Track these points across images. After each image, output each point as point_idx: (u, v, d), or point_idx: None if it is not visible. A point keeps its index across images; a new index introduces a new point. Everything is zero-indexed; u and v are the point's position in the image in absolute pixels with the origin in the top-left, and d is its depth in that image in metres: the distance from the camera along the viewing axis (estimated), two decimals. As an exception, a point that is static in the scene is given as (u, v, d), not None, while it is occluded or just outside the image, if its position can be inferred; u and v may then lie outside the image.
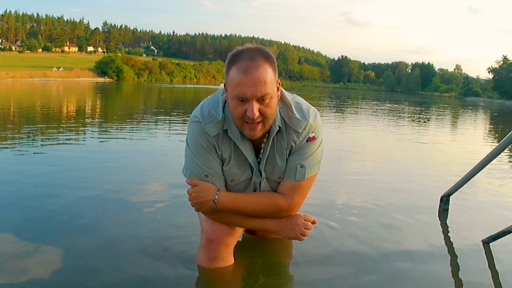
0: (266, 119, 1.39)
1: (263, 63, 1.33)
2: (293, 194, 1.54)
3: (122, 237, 2.03)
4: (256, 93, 1.32)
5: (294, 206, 1.56)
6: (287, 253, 1.99)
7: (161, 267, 1.73)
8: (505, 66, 66.90)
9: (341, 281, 1.73)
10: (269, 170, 1.55)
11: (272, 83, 1.36)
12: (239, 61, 1.34)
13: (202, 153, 1.49)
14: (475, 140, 8.56)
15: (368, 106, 19.67)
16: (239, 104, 1.36)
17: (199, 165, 1.50)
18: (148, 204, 2.59)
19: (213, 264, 1.63)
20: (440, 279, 1.79)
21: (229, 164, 1.52)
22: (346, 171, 4.03)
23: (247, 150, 1.50)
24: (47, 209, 2.38)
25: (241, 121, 1.39)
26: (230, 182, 1.55)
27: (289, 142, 1.50)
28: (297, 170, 1.51)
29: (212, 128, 1.46)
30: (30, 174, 3.18)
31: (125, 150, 4.71)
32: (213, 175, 1.51)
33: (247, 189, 1.58)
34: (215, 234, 1.58)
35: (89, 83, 38.46)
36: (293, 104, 1.50)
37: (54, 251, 1.84)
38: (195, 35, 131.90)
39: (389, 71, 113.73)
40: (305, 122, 1.48)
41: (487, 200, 3.23)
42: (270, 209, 1.54)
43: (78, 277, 1.62)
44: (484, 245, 2.17)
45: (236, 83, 1.33)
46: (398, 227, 2.41)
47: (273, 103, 1.38)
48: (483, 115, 20.37)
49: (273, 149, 1.52)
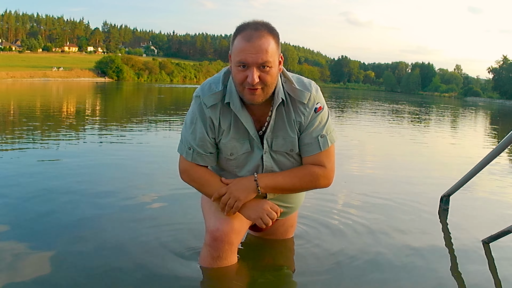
0: (266, 87, 1.44)
1: (266, 34, 1.41)
2: (324, 162, 1.58)
3: (123, 237, 2.03)
4: (257, 59, 1.39)
5: (329, 172, 1.60)
6: (289, 253, 1.99)
7: (163, 267, 1.74)
8: (505, 66, 66.83)
9: (342, 281, 1.73)
10: (280, 142, 1.57)
11: (273, 54, 1.42)
12: (244, 31, 1.41)
13: (195, 123, 1.55)
14: (475, 140, 8.55)
15: (368, 106, 19.67)
16: (241, 71, 1.42)
17: (190, 136, 1.56)
18: (149, 204, 2.60)
19: (217, 263, 1.63)
20: (440, 279, 1.79)
21: (228, 136, 1.55)
22: (345, 171, 4.03)
23: (248, 122, 1.54)
24: (46, 209, 2.38)
25: (241, 87, 1.45)
26: (229, 156, 1.58)
27: (296, 114, 1.55)
28: (320, 142, 1.56)
29: (210, 99, 1.52)
30: (30, 175, 3.18)
31: (125, 150, 4.71)
32: (198, 148, 1.54)
33: (248, 164, 1.60)
34: (220, 232, 1.58)
35: (89, 83, 38.48)
36: (294, 79, 1.57)
37: (54, 251, 1.84)
38: (195, 35, 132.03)
39: (389, 71, 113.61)
40: (308, 93, 1.54)
41: (487, 200, 3.23)
42: (307, 178, 1.58)
43: (78, 277, 1.62)
44: (484, 245, 2.17)
45: (239, 50, 1.40)
46: (398, 227, 2.41)
47: (273, 72, 1.44)
48: (483, 115, 20.36)
49: (283, 120, 1.55)
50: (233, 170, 1.62)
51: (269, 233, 1.97)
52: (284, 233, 2.02)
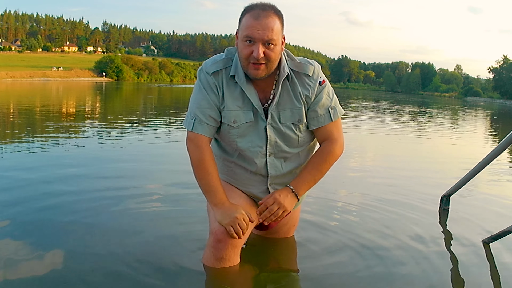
0: (269, 62, 1.53)
1: (272, 14, 1.51)
2: (336, 133, 1.67)
3: (124, 237, 2.03)
4: (264, 36, 1.48)
5: (341, 143, 1.68)
6: (291, 251, 2.00)
7: (165, 266, 1.74)
8: (505, 66, 66.61)
9: (343, 281, 1.73)
10: (288, 114, 1.63)
11: (278, 33, 1.51)
12: (252, 10, 1.51)
13: (199, 92, 1.62)
14: (475, 140, 8.55)
15: (369, 106, 19.67)
16: (247, 46, 1.50)
17: (192, 104, 1.62)
18: (150, 204, 2.59)
19: (220, 264, 1.64)
20: (440, 279, 1.79)
21: (232, 105, 1.61)
22: (345, 172, 4.02)
23: (252, 94, 1.61)
24: (46, 209, 2.38)
25: (246, 61, 1.53)
26: (232, 123, 1.62)
27: (302, 87, 1.62)
28: (331, 113, 1.65)
29: (212, 66, 1.61)
30: (29, 174, 3.17)
31: (124, 150, 4.71)
32: (199, 114, 1.59)
33: (249, 135, 1.62)
34: (224, 235, 1.58)
35: (89, 83, 38.47)
36: (297, 58, 1.67)
37: (53, 251, 1.83)
38: (195, 35, 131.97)
39: (389, 71, 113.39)
40: (312, 66, 1.63)
41: (487, 200, 3.22)
42: (330, 160, 1.65)
43: (83, 276, 1.62)
44: (485, 245, 2.17)
45: (247, 26, 1.49)
46: (398, 227, 2.41)
47: (277, 50, 1.53)
48: (483, 115, 20.36)
49: (288, 94, 1.62)
50: (234, 141, 1.64)
51: (272, 231, 1.98)
52: (287, 232, 2.03)
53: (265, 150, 1.64)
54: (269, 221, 1.62)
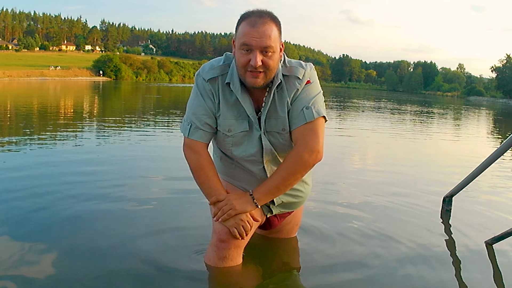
0: (268, 70, 1.49)
1: (269, 21, 1.48)
2: (310, 136, 1.54)
3: (125, 237, 2.01)
4: (261, 43, 1.45)
5: (316, 149, 1.53)
6: (293, 251, 2.00)
7: (167, 266, 1.73)
8: (508, 65, 65.98)
9: (344, 281, 1.72)
10: (273, 123, 1.60)
11: (275, 40, 1.49)
12: (248, 17, 1.48)
13: (196, 98, 1.61)
14: (478, 140, 8.55)
15: (369, 106, 19.68)
16: (244, 54, 1.48)
17: (189, 110, 1.61)
18: (150, 204, 2.58)
19: (222, 263, 1.66)
20: (442, 280, 1.78)
21: (227, 113, 1.60)
22: (346, 172, 4.01)
23: (246, 103, 1.58)
24: (47, 209, 2.36)
25: (244, 70, 1.50)
26: (227, 132, 1.61)
27: (291, 90, 1.57)
28: (305, 112, 1.56)
29: (208, 73, 1.59)
30: (29, 174, 3.15)
31: (124, 149, 4.70)
32: (194, 120, 1.58)
33: (244, 144, 1.61)
34: (227, 235, 1.60)
35: (87, 82, 38.44)
36: (291, 61, 1.64)
37: (53, 251, 1.82)
38: (194, 34, 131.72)
39: (391, 70, 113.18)
40: (303, 69, 1.59)
41: (490, 201, 3.21)
42: (297, 167, 1.54)
43: (85, 277, 1.60)
44: (487, 246, 2.16)
45: (244, 33, 1.47)
46: (400, 228, 2.40)
47: (275, 57, 1.50)
48: (486, 115, 20.40)
49: (274, 102, 1.59)
50: (229, 149, 1.64)
51: (275, 231, 1.98)
52: (290, 231, 2.03)
53: (260, 158, 1.64)
54: (222, 220, 1.56)
